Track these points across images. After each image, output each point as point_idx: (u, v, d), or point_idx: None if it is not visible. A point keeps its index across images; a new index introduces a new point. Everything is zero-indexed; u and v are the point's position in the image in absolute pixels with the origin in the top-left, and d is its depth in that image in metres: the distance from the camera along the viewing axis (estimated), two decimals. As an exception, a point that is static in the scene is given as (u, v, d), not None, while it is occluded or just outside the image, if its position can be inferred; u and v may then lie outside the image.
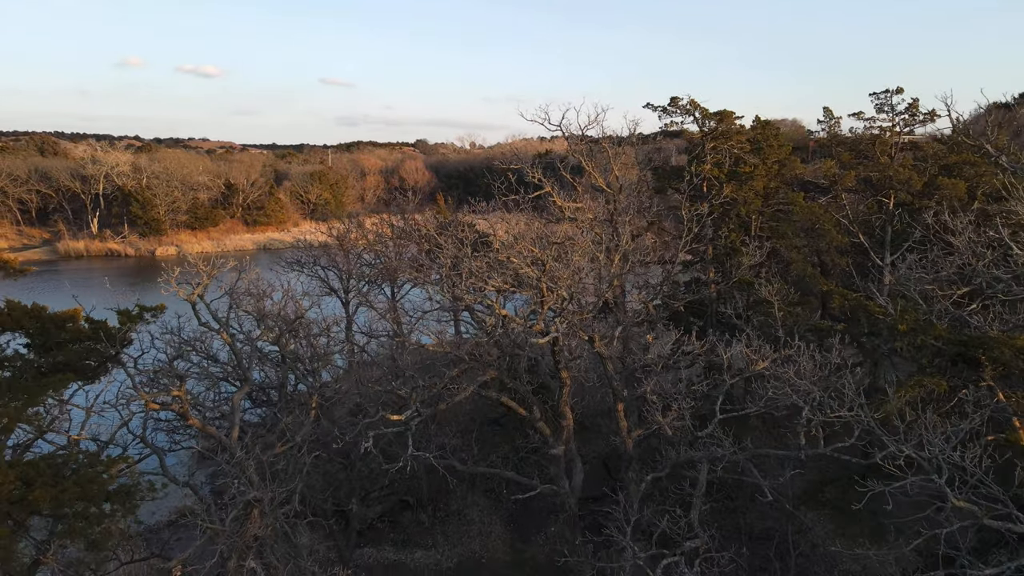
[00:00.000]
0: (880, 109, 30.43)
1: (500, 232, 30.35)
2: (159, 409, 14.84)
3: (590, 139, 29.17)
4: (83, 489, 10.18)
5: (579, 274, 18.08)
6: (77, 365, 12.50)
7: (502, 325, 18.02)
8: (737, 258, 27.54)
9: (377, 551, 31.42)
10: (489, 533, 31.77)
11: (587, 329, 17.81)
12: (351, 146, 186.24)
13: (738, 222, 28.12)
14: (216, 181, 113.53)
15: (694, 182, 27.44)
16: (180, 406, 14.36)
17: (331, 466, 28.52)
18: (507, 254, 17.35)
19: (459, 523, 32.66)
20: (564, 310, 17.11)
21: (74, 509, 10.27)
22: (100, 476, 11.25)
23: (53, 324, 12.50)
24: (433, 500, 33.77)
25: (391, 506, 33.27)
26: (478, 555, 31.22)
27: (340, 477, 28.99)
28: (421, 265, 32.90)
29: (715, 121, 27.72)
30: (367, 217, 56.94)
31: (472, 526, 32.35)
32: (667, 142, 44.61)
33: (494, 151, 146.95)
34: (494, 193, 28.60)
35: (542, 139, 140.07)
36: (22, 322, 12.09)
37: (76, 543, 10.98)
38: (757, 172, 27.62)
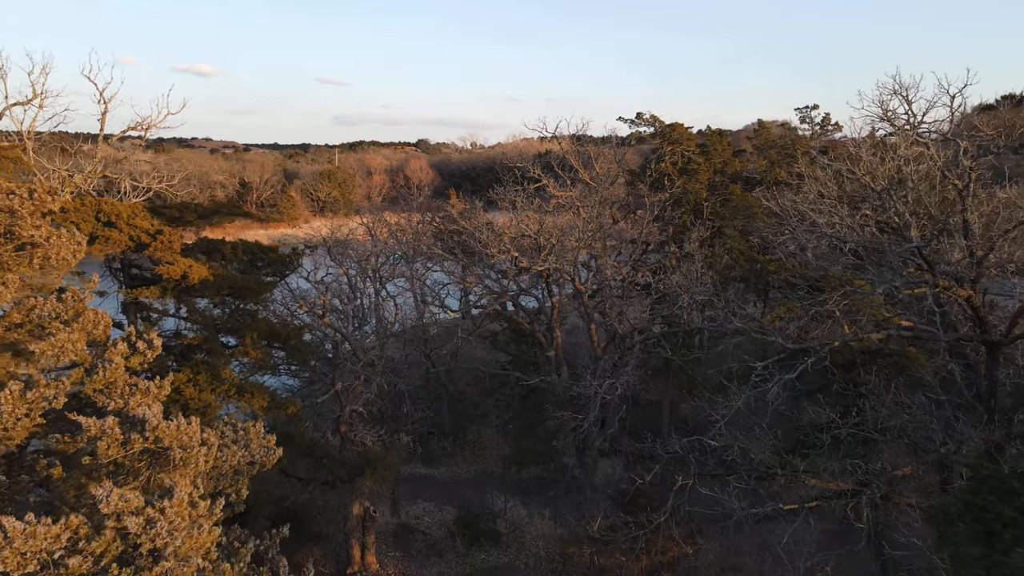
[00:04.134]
0: (802, 120, 41.18)
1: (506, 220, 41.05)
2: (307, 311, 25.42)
3: (579, 144, 39.85)
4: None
5: (565, 234, 28.71)
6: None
7: (513, 264, 28.67)
8: (688, 234, 38.16)
9: (410, 467, 41.93)
10: (497, 455, 42.24)
11: (568, 272, 28.44)
12: (355, 145, 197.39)
13: (689, 208, 38.78)
14: (231, 180, 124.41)
15: (654, 176, 38.11)
16: (322, 307, 24.77)
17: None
18: (515, 223, 27.74)
19: (474, 448, 43.07)
20: (553, 252, 27.72)
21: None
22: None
23: (261, 250, 23.00)
24: (453, 431, 44.27)
25: (421, 435, 43.83)
26: (489, 470, 41.60)
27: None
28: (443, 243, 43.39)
29: (668, 130, 38.37)
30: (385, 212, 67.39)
31: (484, 450, 42.81)
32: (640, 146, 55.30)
33: (495, 151, 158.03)
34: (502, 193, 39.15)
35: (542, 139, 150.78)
36: (247, 251, 22.53)
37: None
38: (702, 169, 38.27)
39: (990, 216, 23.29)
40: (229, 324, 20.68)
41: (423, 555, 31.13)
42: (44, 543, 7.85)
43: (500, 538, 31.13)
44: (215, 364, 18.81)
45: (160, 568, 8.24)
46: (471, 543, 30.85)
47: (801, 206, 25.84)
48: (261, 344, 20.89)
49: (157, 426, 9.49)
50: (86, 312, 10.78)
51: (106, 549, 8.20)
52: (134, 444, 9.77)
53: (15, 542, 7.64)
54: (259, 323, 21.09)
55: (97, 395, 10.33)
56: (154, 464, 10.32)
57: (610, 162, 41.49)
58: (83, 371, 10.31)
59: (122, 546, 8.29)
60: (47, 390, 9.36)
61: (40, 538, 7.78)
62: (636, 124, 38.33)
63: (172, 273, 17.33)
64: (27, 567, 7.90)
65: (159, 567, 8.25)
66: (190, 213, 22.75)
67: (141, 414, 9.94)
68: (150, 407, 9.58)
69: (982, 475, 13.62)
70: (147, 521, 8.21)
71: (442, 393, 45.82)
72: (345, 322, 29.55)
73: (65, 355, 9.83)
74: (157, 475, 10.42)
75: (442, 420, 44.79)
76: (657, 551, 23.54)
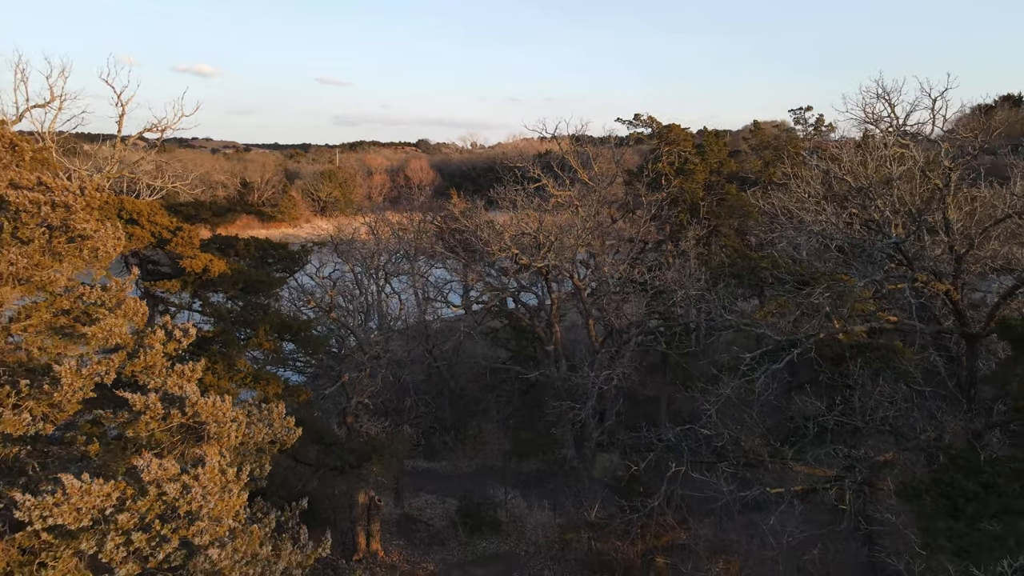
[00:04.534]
0: (796, 121, 42.30)
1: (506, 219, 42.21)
2: (314, 307, 26.68)
3: (578, 144, 41.02)
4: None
5: (563, 232, 29.85)
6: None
7: (514, 261, 29.79)
8: (684, 232, 39.30)
9: (413, 461, 43.04)
10: (497, 449, 43.36)
11: (567, 269, 29.60)
12: (355, 146, 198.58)
13: (685, 207, 39.92)
14: (233, 180, 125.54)
15: (651, 176, 39.24)
16: (328, 303, 25.96)
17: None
18: (515, 221, 28.86)
19: (475, 443, 44.19)
20: (552, 249, 28.86)
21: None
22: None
23: (271, 247, 24.11)
24: (455, 426, 45.39)
25: (424, 430, 44.98)
26: (489, 464, 42.71)
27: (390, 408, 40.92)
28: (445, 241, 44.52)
29: (665, 131, 39.50)
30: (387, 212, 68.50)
31: (485, 445, 43.93)
32: (640, 146, 56.45)
33: (496, 151, 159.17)
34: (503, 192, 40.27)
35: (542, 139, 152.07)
36: (258, 247, 23.65)
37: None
38: (698, 169, 39.41)
39: (970, 214, 24.44)
40: (242, 317, 21.79)
41: (426, 543, 32.25)
42: (97, 500, 8.96)
43: (501, 527, 32.26)
44: (230, 354, 19.94)
45: (196, 527, 9.35)
46: (472, 531, 31.97)
47: (790, 205, 26.98)
48: (273, 336, 22.02)
49: (196, 402, 10.61)
50: (127, 301, 11.90)
51: (150, 508, 9.31)
52: (173, 419, 10.90)
53: (72, 498, 8.75)
54: (271, 316, 22.22)
55: (139, 375, 11.44)
56: (188, 438, 11.45)
57: (608, 162, 42.62)
58: (125, 354, 11.43)
59: (163, 506, 9.40)
60: (99, 367, 10.49)
61: (94, 495, 8.89)
62: (634, 125, 39.50)
63: (194, 267, 18.44)
64: (82, 521, 9.02)
65: (195, 527, 9.36)
66: (205, 211, 23.88)
67: (179, 392, 11.07)
68: (189, 384, 10.70)
69: (950, 455, 14.72)
70: (183, 487, 9.32)
71: (444, 389, 46.98)
72: (351, 317, 30.66)
73: (112, 338, 10.94)
74: (191, 448, 11.55)
75: (444, 415, 45.92)
76: (652, 535, 24.66)
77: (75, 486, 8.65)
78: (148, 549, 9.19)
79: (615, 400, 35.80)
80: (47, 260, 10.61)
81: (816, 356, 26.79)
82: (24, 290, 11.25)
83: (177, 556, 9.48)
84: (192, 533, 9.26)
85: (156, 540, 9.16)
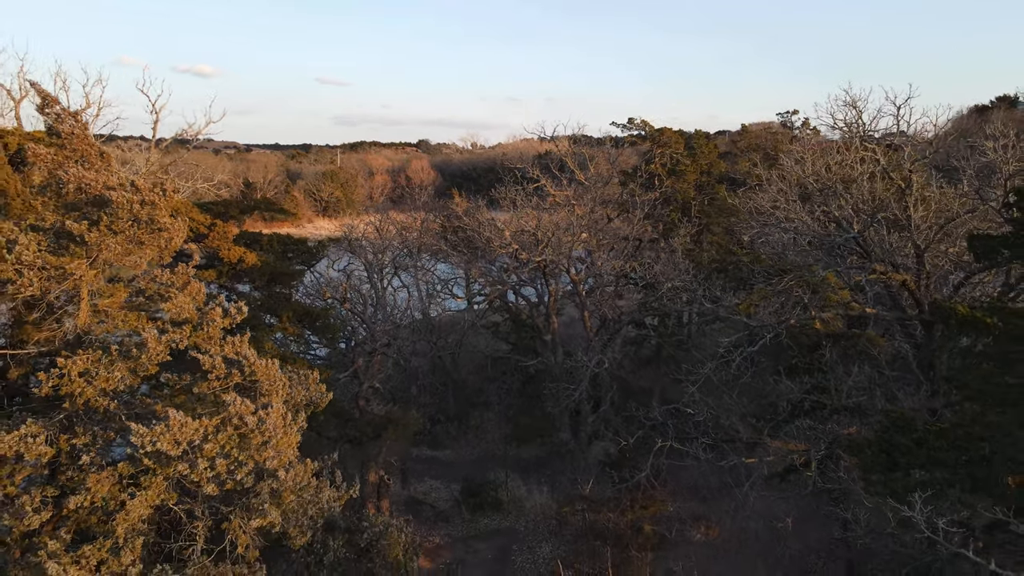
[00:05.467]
0: (783, 124, 44.90)
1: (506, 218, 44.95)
2: (327, 297, 29.31)
3: (577, 145, 43.72)
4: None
5: (560, 230, 32.48)
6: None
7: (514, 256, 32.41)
8: (676, 230, 41.90)
9: (418, 449, 45.63)
10: (499, 438, 45.97)
11: (564, 264, 32.20)
12: (356, 146, 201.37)
13: (677, 206, 42.53)
14: (236, 180, 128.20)
15: (644, 177, 41.87)
16: (341, 294, 28.60)
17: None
18: (515, 219, 31.43)
19: (477, 432, 46.82)
20: (550, 245, 31.49)
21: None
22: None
23: (291, 242, 26.72)
24: (458, 416, 48.03)
25: (429, 418, 47.62)
26: (491, 452, 45.31)
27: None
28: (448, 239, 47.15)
29: (657, 133, 42.11)
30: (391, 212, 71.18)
31: (487, 434, 46.57)
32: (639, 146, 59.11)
33: (496, 151, 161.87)
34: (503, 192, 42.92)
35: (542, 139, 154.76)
36: (279, 242, 26.22)
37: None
38: (689, 170, 42.04)
39: (938, 212, 27.05)
40: (268, 305, 24.39)
41: (431, 521, 34.86)
42: (190, 432, 11.56)
43: (502, 506, 34.88)
44: (260, 337, 22.53)
45: (267, 453, 11.96)
46: (475, 510, 34.59)
47: (765, 204, 29.62)
48: (295, 322, 24.64)
49: (253, 362, 13.21)
50: (191, 283, 14.51)
51: (228, 439, 11.91)
52: (233, 378, 13.50)
53: (173, 429, 11.35)
54: (293, 304, 24.86)
55: (201, 344, 14.02)
56: (246, 396, 14.05)
57: (604, 163, 45.28)
58: (191, 326, 14.02)
59: (239, 438, 11.99)
60: (174, 335, 13.10)
61: (189, 428, 11.48)
62: (628, 128, 42.14)
63: (231, 257, 21.04)
64: (178, 449, 11.62)
65: (266, 452, 11.96)
66: (233, 209, 26.41)
67: (237, 356, 13.68)
68: (249, 348, 13.31)
69: (890, 417, 17.33)
70: (259, 420, 11.92)
71: (447, 380, 49.67)
72: (363, 307, 33.27)
73: (182, 313, 13.54)
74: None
75: (447, 406, 48.62)
76: (640, 506, 27.24)
77: (177, 419, 11.25)
78: (226, 473, 11.78)
79: (609, 387, 38.37)
80: (132, 247, 13.20)
81: (795, 344, 29.43)
82: (109, 272, 13.87)
83: (248, 479, 12.07)
84: (264, 458, 11.85)
85: (234, 464, 11.74)
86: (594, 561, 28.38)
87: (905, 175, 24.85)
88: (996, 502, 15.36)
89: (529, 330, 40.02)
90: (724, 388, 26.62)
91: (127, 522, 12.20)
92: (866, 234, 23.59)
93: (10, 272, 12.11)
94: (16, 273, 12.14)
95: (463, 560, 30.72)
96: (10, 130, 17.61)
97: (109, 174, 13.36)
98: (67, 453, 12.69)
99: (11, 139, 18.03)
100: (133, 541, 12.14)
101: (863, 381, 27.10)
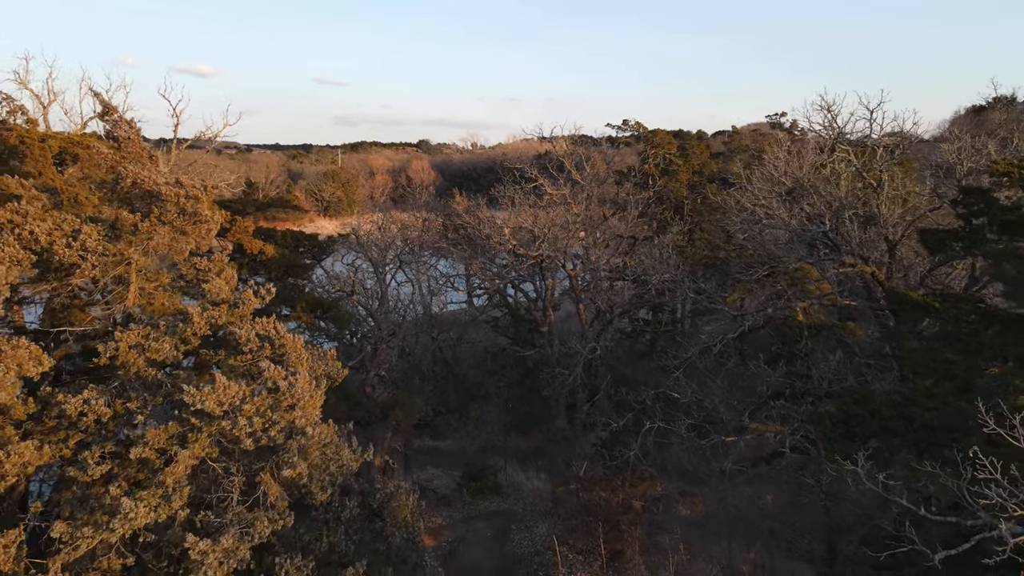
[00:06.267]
0: (773, 126, 47.00)
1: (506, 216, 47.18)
2: (336, 289, 31.55)
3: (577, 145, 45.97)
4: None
5: (556, 227, 34.64)
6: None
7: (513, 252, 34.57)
8: (669, 228, 44.09)
9: (420, 440, 47.73)
10: (498, 429, 48.08)
11: (560, 257, 34.32)
12: (356, 146, 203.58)
13: (670, 205, 44.69)
14: (238, 180, 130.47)
15: (638, 177, 44.04)
16: (349, 287, 30.74)
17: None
18: (513, 217, 33.51)
19: (478, 423, 48.94)
20: (546, 240, 33.66)
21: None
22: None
23: (304, 237, 28.84)
24: (459, 408, 50.17)
25: (432, 409, 49.78)
26: (491, 443, 47.41)
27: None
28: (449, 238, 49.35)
29: (650, 135, 44.26)
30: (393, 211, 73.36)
31: (487, 425, 48.69)
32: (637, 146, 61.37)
33: (496, 151, 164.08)
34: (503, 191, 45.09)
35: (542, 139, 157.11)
36: (293, 237, 28.32)
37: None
38: (681, 170, 44.20)
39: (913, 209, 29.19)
40: (283, 295, 26.51)
41: (434, 504, 36.94)
42: (232, 394, 13.66)
43: (501, 489, 37.02)
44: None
45: (297, 413, 14.05)
46: (475, 494, 36.71)
47: (744, 201, 31.78)
48: (308, 312, 26.75)
49: (283, 335, 15.31)
50: (225, 269, 16.63)
51: (263, 401, 14.00)
52: (265, 350, 15.59)
53: (218, 391, 13.45)
54: (306, 295, 26.98)
55: (235, 322, 16.12)
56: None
57: (601, 163, 47.44)
58: (227, 306, 16.12)
59: (273, 401, 14.09)
60: (214, 312, 15.20)
61: (232, 390, 13.58)
62: (622, 130, 44.26)
63: (253, 249, 23.15)
64: (221, 409, 13.71)
65: (296, 412, 14.06)
66: (250, 206, 28.54)
67: (267, 332, 15.78)
68: (278, 324, 15.42)
69: (849, 392, 19.44)
70: (289, 384, 14.03)
71: (448, 374, 51.85)
72: (368, 300, 35.43)
73: (220, 294, 15.64)
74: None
75: (448, 398, 50.79)
76: (629, 485, 29.29)
77: (222, 382, 13.34)
78: (261, 430, 13.87)
79: (604, 377, 40.49)
80: (177, 236, 15.31)
81: (777, 334, 31.59)
82: (156, 259, 15.99)
83: (280, 436, 14.16)
84: (293, 418, 13.94)
85: (268, 423, 13.83)
86: (587, 538, 30.44)
87: (876, 174, 26.96)
88: (939, 466, 17.47)
89: (527, 324, 42.13)
90: (708, 374, 28.71)
91: (175, 474, 14.28)
92: (837, 229, 25.69)
93: (75, 257, 14.22)
94: (80, 258, 14.24)
95: (464, 538, 32.80)
96: (52, 134, 19.69)
97: (157, 172, 15.47)
98: (121, 415, 14.77)
99: (53, 142, 20.19)
100: (180, 490, 14.24)
101: (840, 368, 29.20)
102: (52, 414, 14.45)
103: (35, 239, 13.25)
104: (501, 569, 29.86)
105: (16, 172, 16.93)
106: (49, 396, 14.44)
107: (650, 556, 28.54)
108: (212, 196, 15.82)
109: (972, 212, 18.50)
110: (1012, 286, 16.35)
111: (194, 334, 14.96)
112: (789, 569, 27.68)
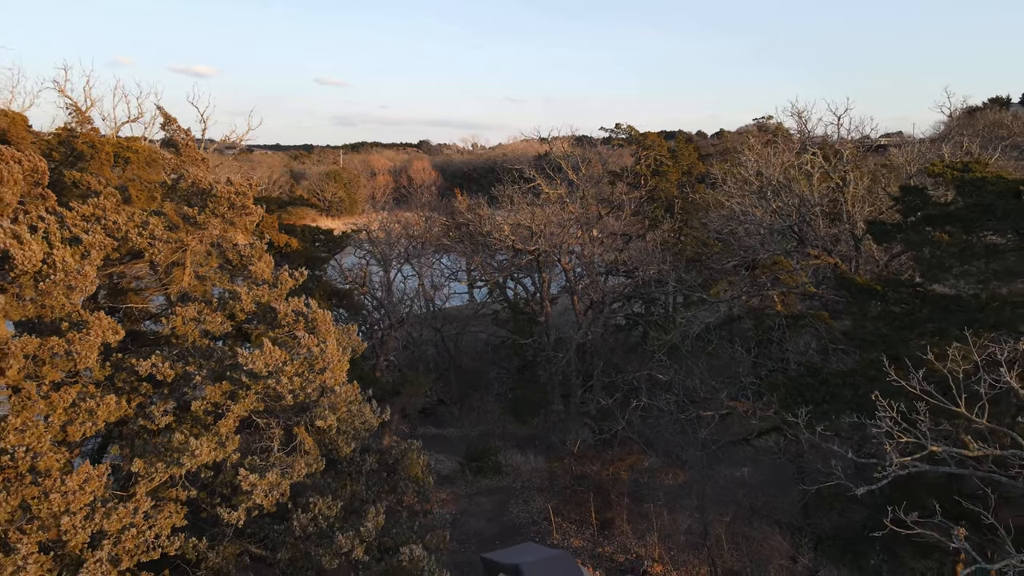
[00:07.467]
0: (760, 128, 50.04)
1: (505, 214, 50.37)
2: (348, 281, 34.49)
3: (577, 145, 49.17)
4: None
5: (552, 224, 37.75)
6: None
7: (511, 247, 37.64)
8: (660, 225, 47.14)
9: (424, 428, 50.76)
10: (498, 418, 51.11)
11: (556, 253, 37.41)
12: (357, 146, 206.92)
13: (660, 203, 47.77)
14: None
15: (631, 178, 47.12)
16: (361, 279, 33.75)
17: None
18: (512, 214, 36.54)
19: (478, 413, 51.98)
20: (543, 236, 36.75)
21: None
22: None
23: (320, 232, 31.88)
24: (460, 398, 53.23)
25: (432, 402, 52.85)
26: (491, 431, 50.43)
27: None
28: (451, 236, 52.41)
29: (641, 137, 47.37)
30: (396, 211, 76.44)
31: (487, 414, 51.75)
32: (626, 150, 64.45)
33: (496, 152, 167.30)
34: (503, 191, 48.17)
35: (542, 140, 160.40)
36: (310, 232, 31.35)
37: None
38: (672, 171, 47.28)
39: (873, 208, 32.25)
40: (303, 285, 29.58)
41: (437, 484, 39.86)
42: (276, 357, 16.71)
43: (500, 469, 40.07)
44: (298, 310, 27.71)
45: (328, 375, 17.11)
46: (477, 473, 39.77)
47: (722, 199, 34.86)
48: (326, 300, 29.82)
49: (316, 309, 18.37)
50: (264, 255, 19.69)
51: (301, 363, 17.05)
52: (300, 325, 18.65)
53: (266, 354, 16.50)
54: (323, 284, 30.04)
55: (273, 301, 19.17)
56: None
57: (596, 164, 50.56)
58: (268, 287, 19.18)
59: (308, 364, 17.14)
60: (258, 291, 18.26)
61: (276, 354, 16.63)
62: (615, 133, 47.30)
63: (279, 241, 26.22)
64: (266, 370, 16.75)
65: (327, 374, 17.11)
66: (272, 204, 31.57)
67: (301, 309, 18.83)
68: (311, 300, 18.47)
69: (803, 364, 22.48)
70: (321, 350, 17.08)
71: (450, 366, 54.90)
72: (378, 291, 38.54)
73: (262, 275, 18.70)
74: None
75: (450, 389, 53.88)
76: (618, 458, 32.39)
77: (268, 346, 16.40)
78: (299, 388, 16.93)
79: (596, 366, 43.59)
80: (227, 227, 18.38)
81: (754, 322, 34.66)
82: (207, 246, 19.07)
83: (314, 394, 17.21)
84: (325, 378, 16.99)
85: (305, 382, 16.88)
86: (580, 508, 33.54)
87: (841, 174, 30.01)
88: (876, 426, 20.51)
89: (525, 316, 45.20)
90: (690, 357, 31.79)
91: (227, 426, 17.35)
92: (803, 224, 28.77)
93: (144, 244, 17.29)
94: (149, 244, 17.31)
95: (466, 510, 35.88)
96: (111, 139, 22.79)
97: (208, 172, 18.54)
98: (180, 376, 17.84)
99: (108, 147, 23.29)
100: (232, 438, 17.30)
101: (811, 352, 32.28)
102: (122, 377, 17.53)
103: (117, 227, 16.30)
104: (501, 535, 32.95)
105: (83, 173, 20.06)
106: (121, 361, 17.53)
107: (637, 524, 31.63)
108: (255, 193, 18.89)
109: (909, 207, 21.55)
110: (926, 267, 19.35)
111: (241, 310, 18.03)
112: (763, 535, 30.75)
